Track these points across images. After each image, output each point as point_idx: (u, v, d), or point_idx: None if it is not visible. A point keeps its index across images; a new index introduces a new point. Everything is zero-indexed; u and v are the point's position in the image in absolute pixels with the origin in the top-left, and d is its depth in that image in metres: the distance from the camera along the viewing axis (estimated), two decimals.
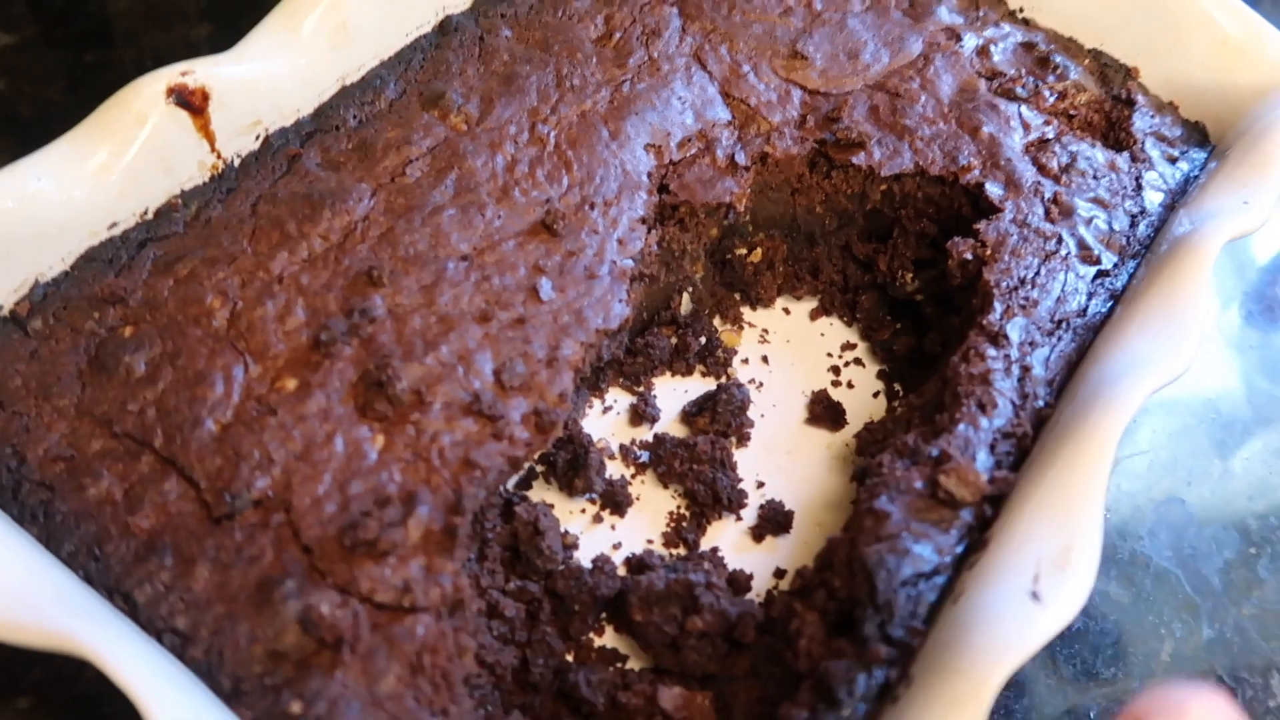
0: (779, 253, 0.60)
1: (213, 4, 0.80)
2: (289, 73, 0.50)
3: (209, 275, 0.45)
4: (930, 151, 0.56)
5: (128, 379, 0.42)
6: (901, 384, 0.58)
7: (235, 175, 0.49)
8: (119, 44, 0.76)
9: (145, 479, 0.39)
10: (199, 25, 0.78)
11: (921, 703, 0.34)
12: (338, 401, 0.42)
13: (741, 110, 0.58)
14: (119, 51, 0.76)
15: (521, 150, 0.53)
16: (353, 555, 0.38)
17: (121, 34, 0.77)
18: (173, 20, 0.78)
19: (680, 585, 0.45)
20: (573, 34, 0.59)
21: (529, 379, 0.45)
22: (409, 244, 0.48)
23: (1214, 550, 0.56)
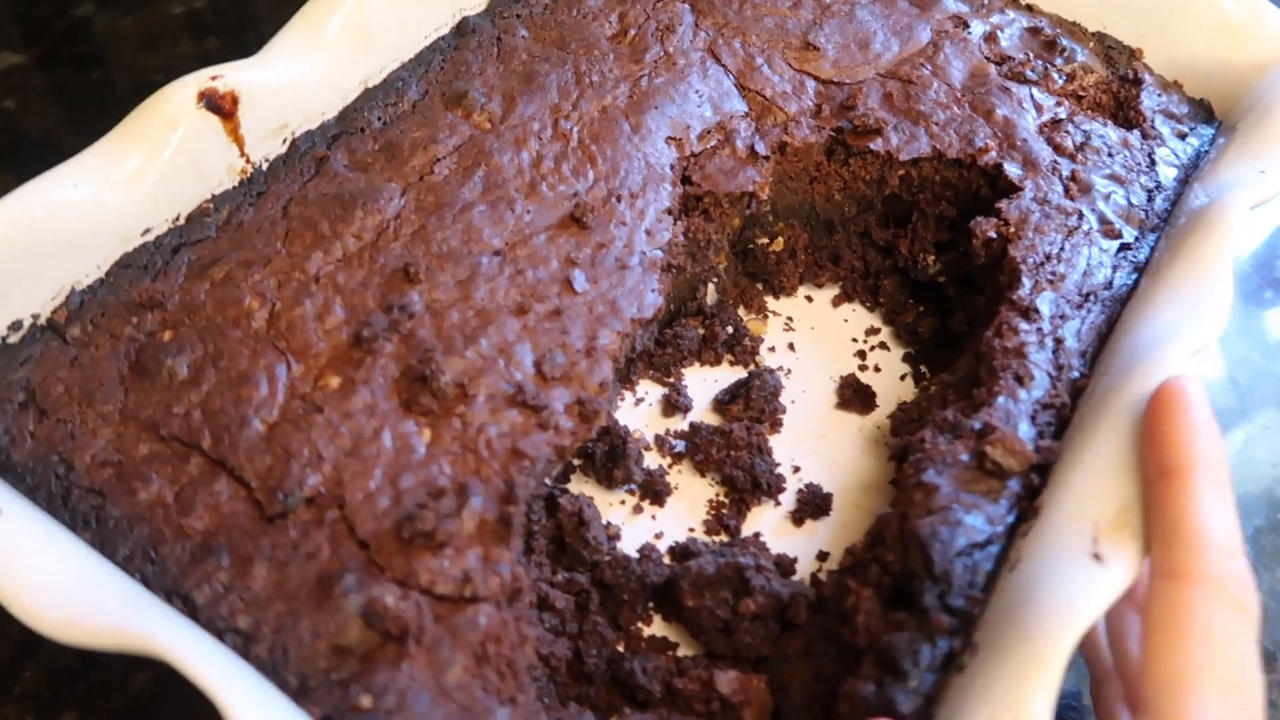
0: (800, 241, 0.61)
1: (217, 19, 0.80)
2: (313, 76, 0.50)
3: (245, 277, 0.45)
4: (946, 135, 0.57)
5: (171, 382, 0.42)
6: (928, 365, 0.58)
7: (264, 179, 0.49)
8: (118, 64, 0.76)
9: (195, 481, 0.39)
10: (205, 40, 0.78)
11: (992, 670, 0.34)
12: (382, 397, 0.42)
13: (758, 102, 0.59)
14: (118, 73, 0.76)
15: (546, 146, 0.53)
16: (410, 548, 0.38)
17: (118, 54, 0.77)
18: (177, 38, 0.78)
19: (730, 569, 0.45)
20: (588, 32, 0.59)
21: (569, 369, 0.45)
22: (441, 240, 0.48)
23: (1244, 519, 0.56)
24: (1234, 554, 0.34)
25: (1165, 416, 0.37)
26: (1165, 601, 0.33)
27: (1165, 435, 0.36)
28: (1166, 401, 0.37)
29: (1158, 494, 0.35)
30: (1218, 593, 0.32)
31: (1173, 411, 0.37)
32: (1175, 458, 0.36)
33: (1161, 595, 0.33)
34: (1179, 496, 0.35)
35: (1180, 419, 0.36)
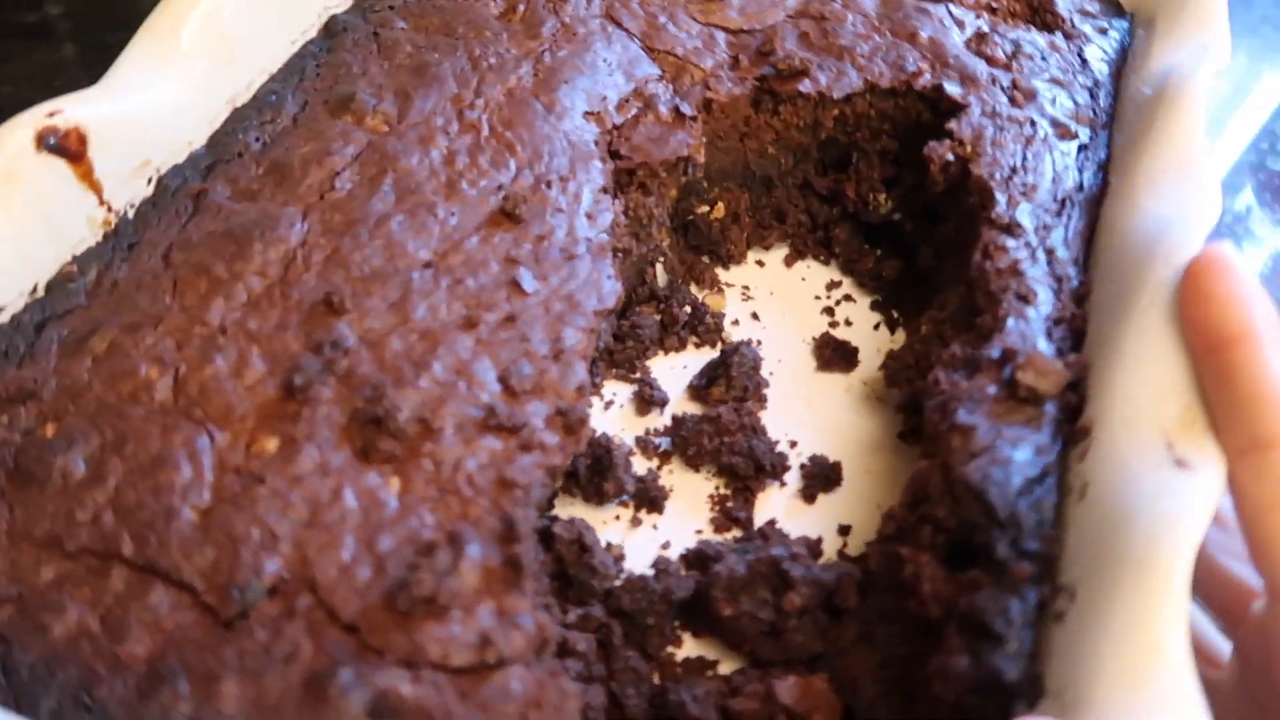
0: (741, 204, 0.56)
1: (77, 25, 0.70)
2: (172, 100, 0.43)
3: (135, 344, 0.37)
4: (875, 66, 0.53)
5: (65, 485, 0.34)
6: (899, 309, 0.55)
7: (133, 228, 0.42)
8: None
9: (124, 597, 0.32)
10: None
11: (1103, 609, 0.30)
12: (332, 451, 0.36)
13: (670, 62, 0.54)
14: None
15: (456, 140, 0.47)
16: (409, 620, 0.31)
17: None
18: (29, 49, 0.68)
19: (763, 564, 0.40)
20: (474, 13, 0.53)
21: (539, 379, 0.39)
22: (361, 261, 0.41)
23: None
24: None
25: (1209, 286, 0.33)
26: (1273, 475, 0.29)
27: (1213, 305, 0.33)
28: (1206, 271, 0.34)
29: (1219, 368, 0.32)
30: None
31: (1216, 279, 0.33)
32: (1231, 326, 0.32)
33: (1264, 469, 0.30)
34: (1246, 365, 0.31)
35: (1226, 284, 0.33)
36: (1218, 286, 0.33)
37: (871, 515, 0.46)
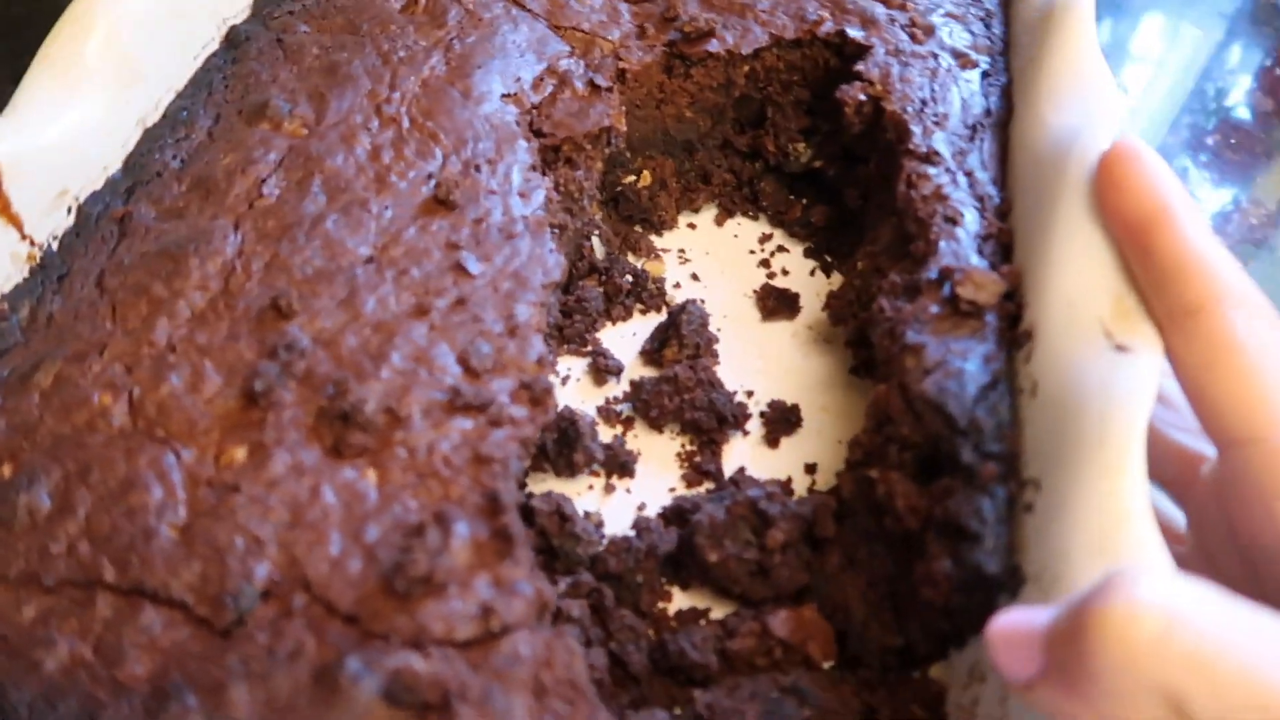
0: (666, 170, 0.57)
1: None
2: (82, 126, 0.42)
3: (83, 373, 0.37)
4: (777, 19, 0.55)
5: (34, 522, 0.33)
6: (831, 253, 0.56)
7: (60, 259, 0.40)
8: None
9: (113, 622, 0.31)
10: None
11: (1069, 493, 0.32)
12: (303, 451, 0.35)
13: (577, 38, 0.54)
14: None
15: (378, 136, 0.47)
16: (409, 601, 0.31)
17: None
18: None
19: (741, 507, 0.41)
20: (376, 9, 0.53)
21: (498, 356, 0.39)
22: (303, 264, 0.41)
23: None
24: (1246, 278, 0.32)
25: (1122, 175, 0.35)
26: (1205, 336, 0.31)
27: (1128, 191, 0.34)
28: (1118, 162, 0.35)
29: (1142, 247, 0.34)
30: (1253, 308, 0.31)
31: (1128, 168, 0.35)
32: (1147, 207, 0.34)
33: (1196, 333, 0.31)
34: (1166, 240, 0.33)
35: (1138, 170, 0.35)
36: (1130, 173, 0.35)
37: (834, 450, 0.47)
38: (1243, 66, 0.87)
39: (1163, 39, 0.91)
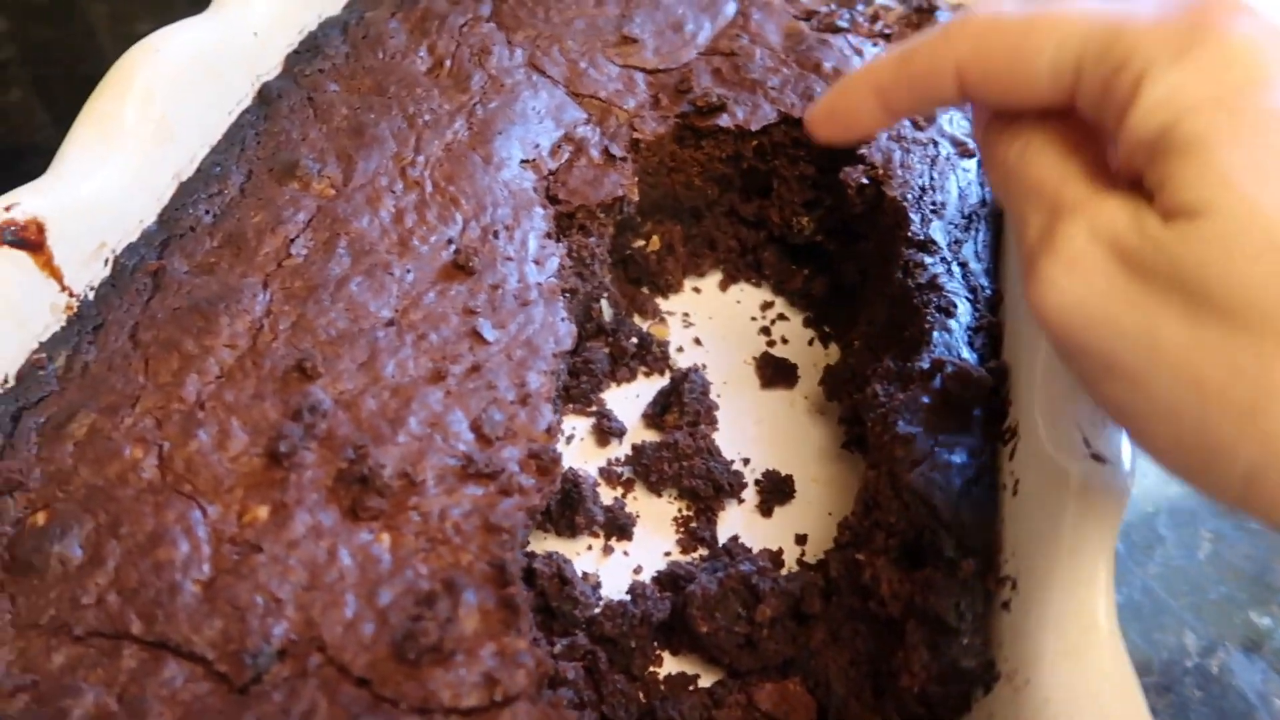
0: (674, 235, 0.59)
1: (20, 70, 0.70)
2: (121, 181, 0.43)
3: (115, 425, 0.38)
4: (786, 97, 0.57)
5: (65, 571, 0.35)
6: (830, 324, 0.59)
7: (96, 309, 0.42)
8: None
9: (138, 674, 0.33)
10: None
11: (1043, 596, 0.34)
12: (322, 512, 0.37)
13: (595, 105, 0.57)
14: None
15: (402, 199, 0.49)
16: (418, 668, 0.33)
17: None
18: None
19: (734, 580, 0.43)
20: (403, 71, 0.55)
21: (510, 424, 0.41)
22: (327, 325, 0.43)
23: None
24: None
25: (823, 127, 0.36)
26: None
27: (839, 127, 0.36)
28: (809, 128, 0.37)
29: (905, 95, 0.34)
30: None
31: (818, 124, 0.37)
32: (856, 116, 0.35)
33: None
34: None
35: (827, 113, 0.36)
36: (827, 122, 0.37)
37: (825, 522, 0.49)
38: None
39: None
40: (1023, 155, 0.31)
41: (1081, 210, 0.28)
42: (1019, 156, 0.31)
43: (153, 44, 0.47)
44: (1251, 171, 0.24)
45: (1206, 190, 0.25)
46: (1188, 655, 0.49)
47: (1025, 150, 0.31)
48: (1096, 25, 0.28)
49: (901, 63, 0.33)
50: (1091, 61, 0.28)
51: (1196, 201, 0.25)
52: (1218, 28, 0.26)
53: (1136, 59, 0.26)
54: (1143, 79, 0.26)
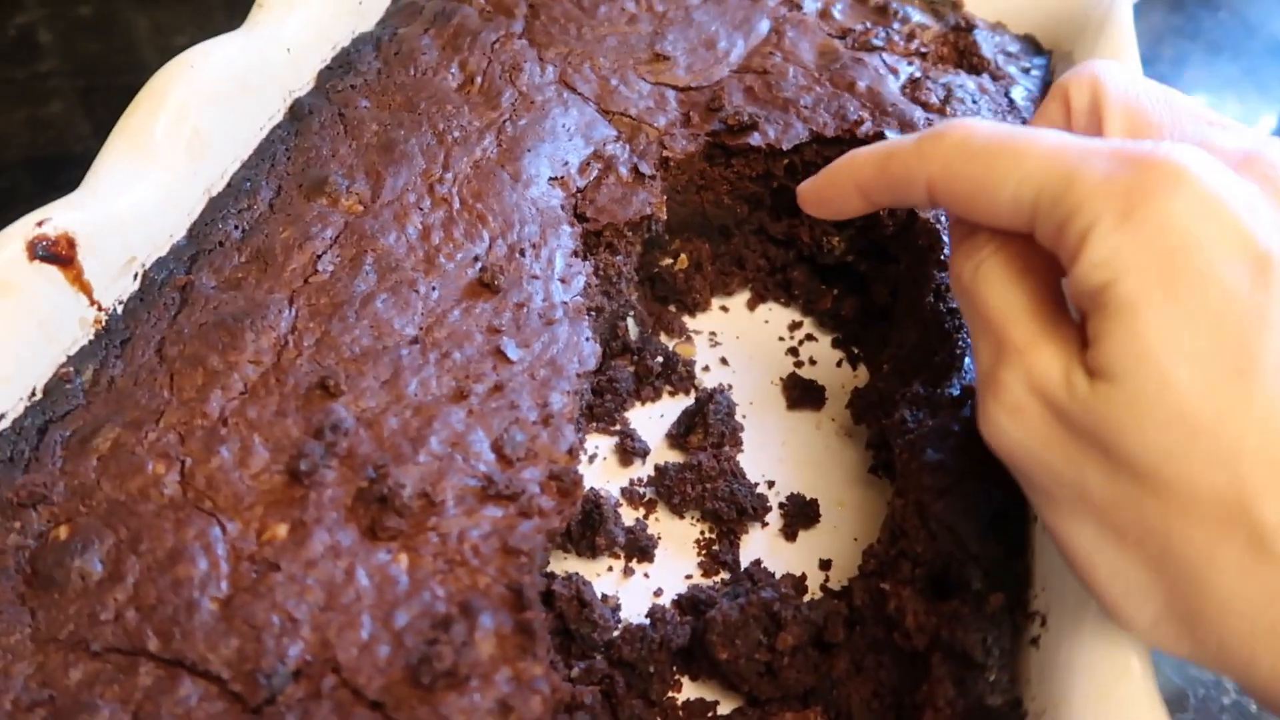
0: (702, 253, 0.59)
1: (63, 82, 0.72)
2: (152, 197, 0.44)
3: (139, 440, 0.39)
4: (819, 116, 0.56)
5: (85, 586, 0.35)
6: (859, 345, 0.58)
7: (123, 324, 0.43)
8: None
9: (153, 692, 0.33)
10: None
11: (1073, 633, 0.33)
12: (341, 532, 0.37)
13: (625, 123, 0.56)
14: None
15: (429, 216, 0.49)
16: (432, 693, 0.33)
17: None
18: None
19: (755, 607, 0.42)
20: (434, 88, 0.55)
21: (531, 445, 0.41)
22: (351, 343, 0.43)
23: None
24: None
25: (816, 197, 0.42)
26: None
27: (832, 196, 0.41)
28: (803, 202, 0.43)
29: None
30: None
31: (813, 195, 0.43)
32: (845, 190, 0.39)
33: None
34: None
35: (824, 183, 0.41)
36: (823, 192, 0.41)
37: (850, 547, 0.48)
38: None
39: None
40: (975, 276, 0.33)
41: (1021, 358, 0.30)
42: (973, 276, 0.33)
43: (188, 60, 0.47)
44: (1170, 345, 0.26)
45: (1129, 359, 0.27)
46: (1225, 692, 0.48)
47: (978, 270, 0.33)
48: (1054, 170, 0.29)
49: (880, 167, 0.36)
50: (1047, 204, 0.29)
51: (1119, 367, 0.27)
52: (1158, 196, 0.27)
53: (1085, 213, 0.28)
54: (1089, 234, 0.28)
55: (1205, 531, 0.26)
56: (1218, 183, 0.27)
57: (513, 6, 0.62)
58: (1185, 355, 0.26)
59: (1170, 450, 0.26)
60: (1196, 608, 0.27)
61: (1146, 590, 0.28)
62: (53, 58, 0.81)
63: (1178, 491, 0.26)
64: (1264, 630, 0.26)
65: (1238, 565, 0.26)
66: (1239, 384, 0.26)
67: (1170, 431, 0.26)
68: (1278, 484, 0.25)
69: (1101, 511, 0.29)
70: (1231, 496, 0.25)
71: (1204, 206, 0.27)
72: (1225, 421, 0.25)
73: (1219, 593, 0.26)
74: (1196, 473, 0.26)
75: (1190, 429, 0.26)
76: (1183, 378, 0.26)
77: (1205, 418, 0.26)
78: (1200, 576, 0.26)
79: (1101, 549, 0.29)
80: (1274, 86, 0.94)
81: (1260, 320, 0.26)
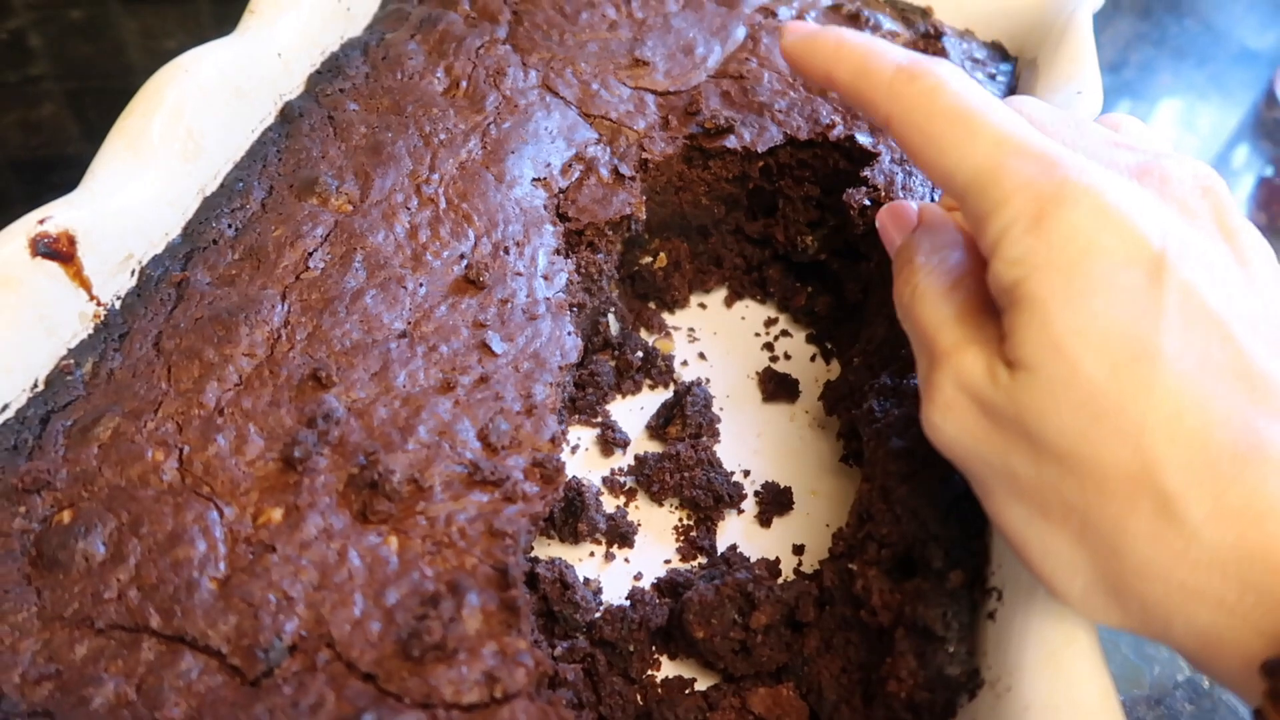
0: (681, 252, 0.61)
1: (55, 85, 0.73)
2: (148, 195, 0.45)
3: (138, 429, 0.40)
4: (793, 120, 0.59)
5: (89, 567, 0.37)
6: (832, 340, 0.60)
7: (121, 318, 0.44)
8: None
9: (155, 666, 0.34)
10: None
11: (1026, 606, 0.35)
12: (333, 516, 0.39)
13: (606, 126, 0.58)
14: None
15: (416, 215, 0.50)
16: (422, 665, 0.35)
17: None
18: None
19: (730, 588, 0.44)
20: (420, 91, 0.57)
21: (515, 434, 0.43)
22: (342, 336, 0.44)
23: None
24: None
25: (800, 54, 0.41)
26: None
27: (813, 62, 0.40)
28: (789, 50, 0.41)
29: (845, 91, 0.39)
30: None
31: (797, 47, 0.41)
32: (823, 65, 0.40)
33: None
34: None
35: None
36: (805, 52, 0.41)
37: (822, 533, 0.50)
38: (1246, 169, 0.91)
39: (1178, 126, 0.95)
40: (913, 297, 0.36)
41: (948, 360, 0.33)
42: (910, 297, 0.36)
43: (182, 64, 0.49)
44: (1077, 336, 0.29)
45: (1041, 350, 0.29)
46: (1179, 669, 0.50)
47: (915, 292, 0.36)
48: (991, 160, 0.32)
49: (854, 75, 0.37)
50: (975, 192, 0.32)
51: (1033, 358, 0.30)
52: (1065, 206, 0.30)
53: (1006, 211, 0.31)
54: (1005, 233, 0.31)
55: (1117, 504, 0.28)
56: (1117, 195, 0.30)
57: (497, 13, 0.64)
58: (1091, 345, 0.28)
59: (1082, 431, 0.28)
60: (1118, 576, 0.29)
61: (1074, 564, 0.30)
62: (44, 61, 0.82)
63: (1091, 469, 0.29)
64: (1175, 589, 0.28)
65: (1148, 531, 0.28)
66: (1139, 368, 0.28)
67: (1081, 414, 0.28)
68: (1178, 455, 0.27)
69: (1028, 494, 0.31)
70: (1138, 469, 0.28)
71: (1104, 217, 0.29)
72: (1129, 402, 0.28)
73: (1134, 559, 0.29)
74: (1106, 450, 0.28)
75: (1098, 410, 0.28)
76: (1089, 365, 0.28)
77: (1111, 400, 0.28)
78: (1117, 546, 0.29)
79: (1032, 528, 0.31)
80: (1239, 93, 0.97)
81: (1156, 312, 0.28)
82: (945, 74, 0.34)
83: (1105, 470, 0.28)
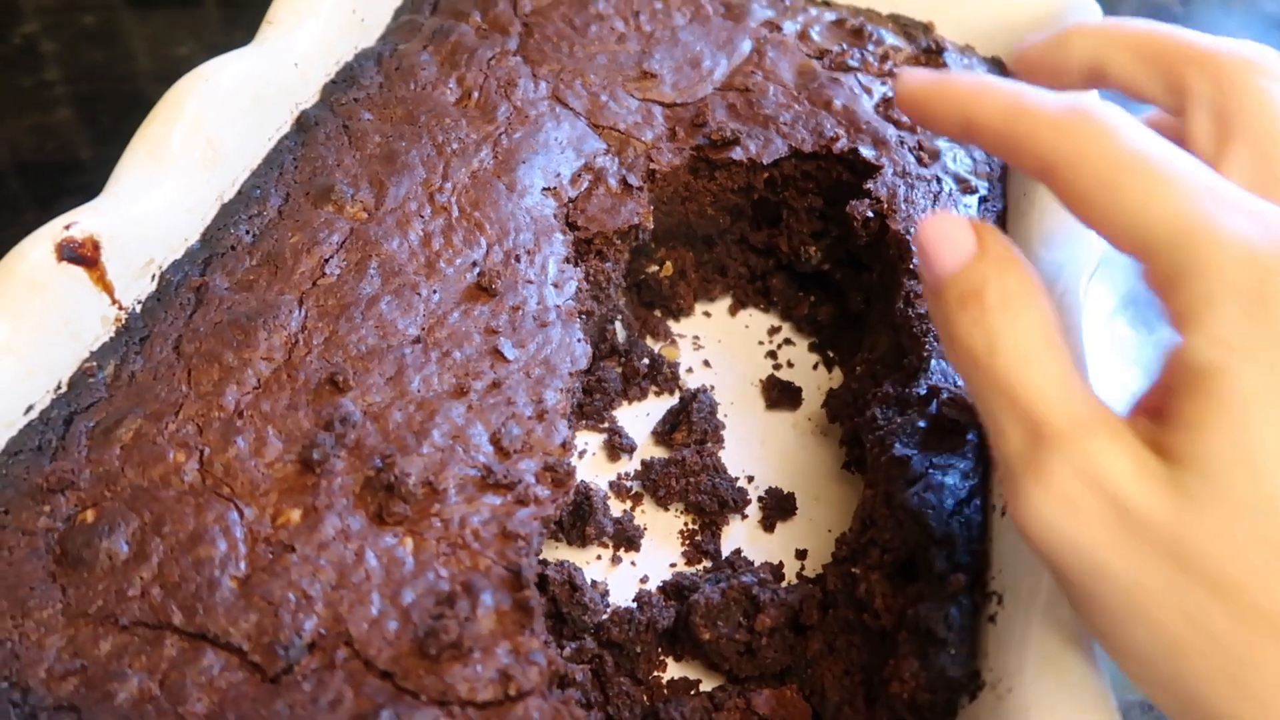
0: (686, 261, 0.62)
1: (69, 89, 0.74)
2: (169, 202, 0.47)
3: (159, 431, 0.41)
4: (797, 132, 0.60)
5: (112, 565, 0.37)
6: (835, 349, 0.61)
7: (142, 322, 0.45)
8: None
9: (178, 662, 0.35)
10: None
11: (1026, 610, 0.36)
12: (350, 517, 0.40)
13: (614, 137, 0.59)
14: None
15: (430, 223, 0.51)
16: (438, 663, 0.36)
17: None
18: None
19: (736, 591, 0.45)
20: (433, 101, 0.58)
21: (527, 438, 0.44)
22: (358, 341, 0.45)
23: None
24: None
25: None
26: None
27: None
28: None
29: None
30: None
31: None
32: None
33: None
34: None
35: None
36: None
37: (824, 538, 0.51)
38: None
39: None
40: (991, 349, 0.29)
41: (1071, 444, 0.27)
42: (986, 349, 0.30)
43: (202, 74, 0.50)
44: (1275, 457, 0.24)
45: (1230, 459, 0.24)
46: None
47: (993, 344, 0.29)
48: (1185, 212, 0.26)
49: (1007, 118, 0.31)
50: (1164, 248, 0.26)
51: (1216, 464, 0.25)
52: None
53: (1213, 275, 0.25)
54: (1214, 304, 0.25)
55: (1272, 648, 0.24)
56: None
57: (508, 25, 0.65)
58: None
59: (1257, 566, 0.24)
60: (1228, 702, 0.25)
61: (1205, 701, 0.26)
62: (55, 67, 0.83)
63: (1264, 610, 0.24)
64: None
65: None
66: None
67: (1262, 548, 0.24)
68: None
69: (1158, 622, 0.26)
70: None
71: None
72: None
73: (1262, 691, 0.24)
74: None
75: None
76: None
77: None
78: (1267, 697, 0.24)
79: (1150, 655, 0.27)
80: None
81: None
82: (1113, 115, 0.29)
83: (1273, 610, 0.24)
